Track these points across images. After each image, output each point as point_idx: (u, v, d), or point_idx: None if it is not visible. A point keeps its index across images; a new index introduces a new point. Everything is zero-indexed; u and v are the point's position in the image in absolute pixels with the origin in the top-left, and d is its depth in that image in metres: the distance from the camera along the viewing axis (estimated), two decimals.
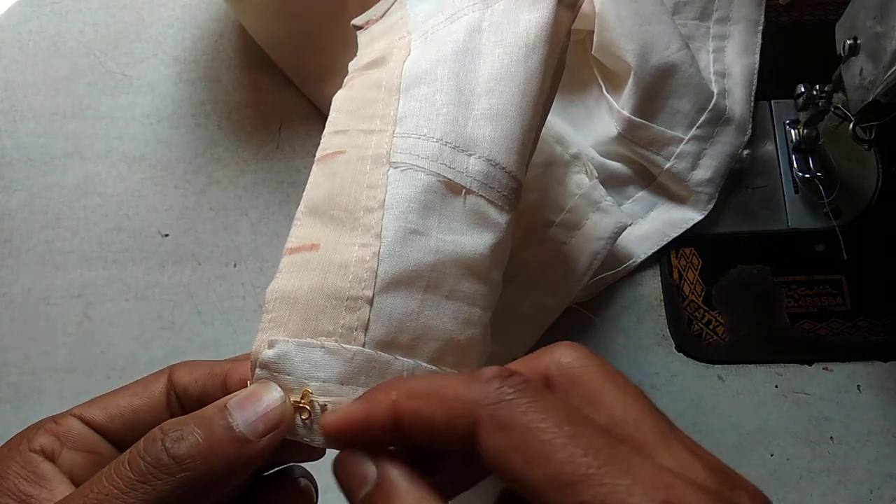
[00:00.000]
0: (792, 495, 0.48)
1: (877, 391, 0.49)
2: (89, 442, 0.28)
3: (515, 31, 0.33)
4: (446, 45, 0.33)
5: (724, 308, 0.51)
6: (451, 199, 0.31)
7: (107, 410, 0.28)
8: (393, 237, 0.29)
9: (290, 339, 0.28)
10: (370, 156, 0.31)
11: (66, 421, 0.28)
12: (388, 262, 0.29)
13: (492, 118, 0.32)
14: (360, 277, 0.29)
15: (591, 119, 0.55)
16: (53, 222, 0.54)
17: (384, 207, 0.30)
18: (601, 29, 0.51)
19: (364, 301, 0.28)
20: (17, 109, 0.56)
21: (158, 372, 0.30)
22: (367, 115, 0.32)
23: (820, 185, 0.52)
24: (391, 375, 0.28)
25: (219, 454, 0.24)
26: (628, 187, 0.54)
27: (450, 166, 0.31)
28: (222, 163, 0.55)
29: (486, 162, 0.32)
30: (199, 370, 0.29)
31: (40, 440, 0.27)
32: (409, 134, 0.31)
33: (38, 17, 0.59)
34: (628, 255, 0.52)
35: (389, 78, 0.33)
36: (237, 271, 0.52)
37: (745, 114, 0.53)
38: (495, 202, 0.32)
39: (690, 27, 0.55)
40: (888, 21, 0.40)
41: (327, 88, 0.54)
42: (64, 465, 0.27)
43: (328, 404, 0.27)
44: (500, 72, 0.33)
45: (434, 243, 0.30)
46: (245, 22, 0.55)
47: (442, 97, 0.32)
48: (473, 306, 0.31)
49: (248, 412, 0.25)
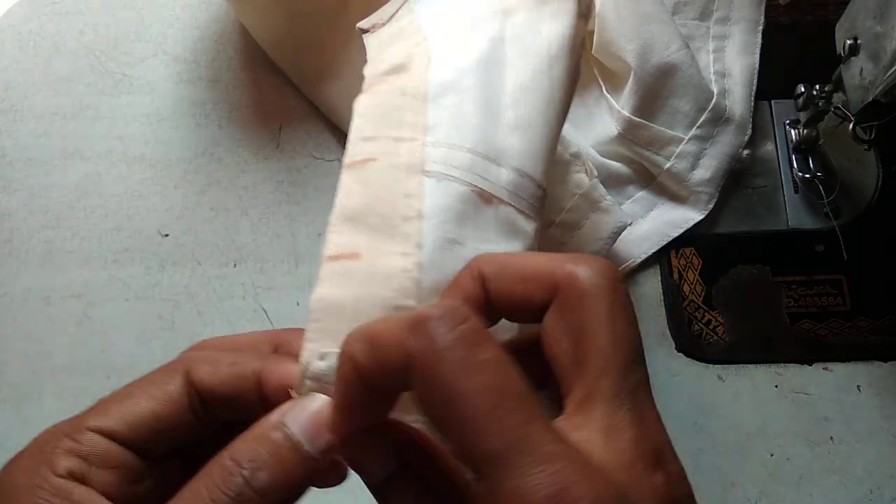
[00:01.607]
0: (792, 495, 0.48)
1: (877, 391, 0.49)
2: (116, 457, 0.26)
3: (538, 43, 0.34)
4: (470, 54, 0.34)
5: (724, 308, 0.51)
6: (483, 208, 0.31)
7: (126, 420, 0.26)
8: (432, 246, 0.30)
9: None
10: (403, 164, 0.31)
11: (85, 438, 0.26)
12: (430, 271, 0.29)
13: (519, 128, 0.33)
14: (403, 287, 0.29)
15: (591, 119, 0.55)
16: (53, 222, 0.54)
17: (422, 217, 0.30)
18: (601, 29, 0.51)
19: (409, 311, 0.28)
20: (17, 109, 0.56)
21: (169, 368, 0.28)
22: (396, 123, 0.32)
23: (820, 185, 0.52)
24: None
25: (294, 476, 0.24)
26: (628, 187, 0.54)
27: (482, 176, 0.31)
28: (222, 163, 0.55)
29: (516, 172, 0.32)
30: (222, 369, 0.28)
31: (64, 464, 0.25)
32: (440, 143, 0.32)
33: (38, 17, 0.59)
34: (628, 255, 0.52)
35: (415, 85, 0.33)
36: (237, 271, 0.52)
37: (745, 114, 0.53)
38: (524, 211, 0.33)
39: (690, 27, 0.55)
40: (888, 21, 0.40)
41: (327, 88, 0.54)
42: (96, 486, 0.25)
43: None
44: (525, 83, 0.33)
45: (470, 252, 0.30)
46: (245, 21, 0.55)
47: (470, 107, 0.32)
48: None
49: (309, 430, 0.25)
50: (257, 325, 0.51)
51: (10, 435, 0.49)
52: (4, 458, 0.52)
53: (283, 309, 0.51)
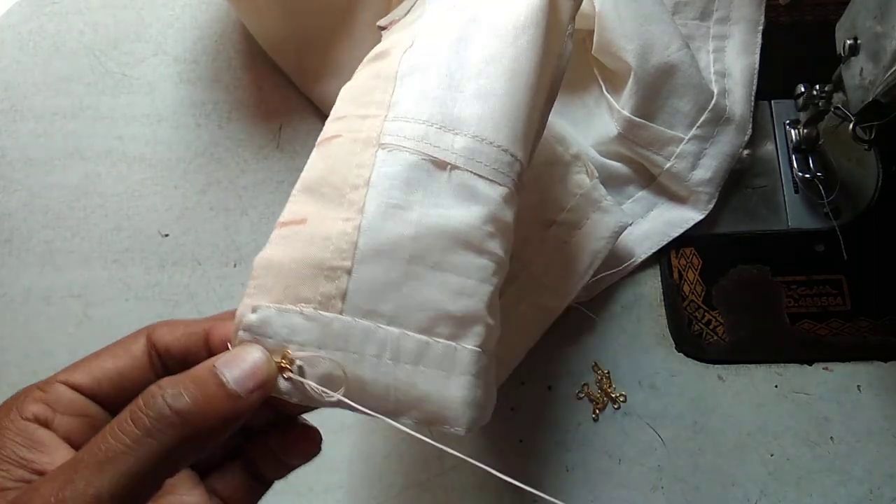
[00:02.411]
0: (792, 495, 0.48)
1: (877, 391, 0.49)
2: (80, 406, 0.28)
3: (506, 15, 0.35)
4: (443, 34, 0.35)
5: (724, 308, 0.51)
6: (436, 174, 0.32)
7: (92, 374, 0.29)
8: (374, 211, 0.31)
9: (271, 305, 0.29)
10: (362, 139, 0.33)
11: (53, 388, 0.28)
12: (368, 234, 0.30)
13: (479, 97, 0.33)
14: (340, 249, 0.30)
15: (591, 119, 0.55)
16: (53, 222, 0.54)
17: (369, 185, 0.31)
18: (601, 29, 0.51)
19: (343, 271, 0.30)
20: (17, 109, 0.56)
21: (136, 333, 0.31)
22: (365, 102, 0.34)
23: (820, 185, 0.52)
24: (375, 342, 0.30)
25: (215, 408, 0.26)
26: (628, 187, 0.54)
27: (434, 145, 0.32)
28: (222, 163, 0.55)
29: (472, 139, 0.33)
30: (179, 329, 0.30)
31: (31, 408, 0.28)
32: (398, 118, 0.33)
33: (38, 17, 0.59)
34: (628, 254, 0.52)
35: (389, 67, 0.34)
36: (237, 271, 0.52)
37: (745, 114, 0.53)
38: (484, 176, 0.33)
39: (690, 27, 0.55)
40: (888, 21, 0.40)
41: (327, 88, 0.54)
42: (59, 431, 0.28)
43: (304, 365, 0.29)
44: (489, 55, 0.34)
45: (416, 216, 0.31)
46: (246, 21, 0.55)
47: (433, 82, 0.34)
48: (467, 278, 0.32)
49: (236, 371, 0.27)
50: None
51: None
52: None
53: None
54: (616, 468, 0.48)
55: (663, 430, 0.49)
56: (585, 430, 0.49)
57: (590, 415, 0.49)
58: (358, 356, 0.29)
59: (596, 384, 0.50)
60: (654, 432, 0.49)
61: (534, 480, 0.48)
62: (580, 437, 0.49)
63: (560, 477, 0.48)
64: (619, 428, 0.49)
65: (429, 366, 0.31)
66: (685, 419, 0.49)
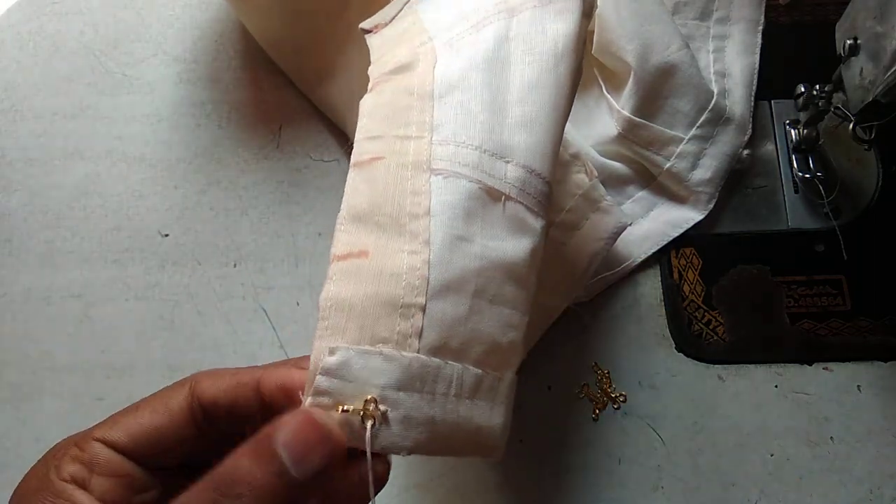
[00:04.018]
0: (792, 495, 0.48)
1: (877, 391, 0.49)
2: (117, 466, 0.28)
3: (544, 41, 0.34)
4: (476, 52, 0.34)
5: (724, 308, 0.51)
6: (491, 205, 0.32)
7: (129, 432, 0.28)
8: (441, 244, 0.30)
9: (350, 347, 0.28)
10: (410, 162, 0.31)
11: (90, 447, 0.28)
12: (438, 268, 0.30)
13: (525, 125, 0.33)
14: (412, 285, 0.29)
15: (591, 119, 0.55)
16: (53, 222, 0.54)
17: (430, 214, 0.30)
18: (601, 29, 0.51)
19: (417, 308, 0.29)
20: (17, 109, 0.56)
21: (178, 384, 0.30)
22: (402, 122, 0.32)
23: (820, 185, 0.52)
24: (442, 381, 0.29)
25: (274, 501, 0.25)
26: (628, 187, 0.54)
27: (490, 174, 0.32)
28: (222, 163, 0.55)
29: (523, 169, 0.32)
30: (225, 381, 0.29)
31: (69, 469, 0.27)
32: (447, 141, 0.32)
33: (38, 17, 0.59)
34: (628, 255, 0.52)
35: (421, 84, 0.33)
36: (237, 271, 0.52)
37: (745, 114, 0.53)
38: (532, 208, 0.33)
39: (690, 27, 0.55)
40: (888, 21, 0.40)
41: (327, 88, 0.54)
42: (96, 492, 0.27)
43: (388, 410, 0.27)
44: (531, 80, 0.34)
45: (479, 249, 0.31)
46: (246, 21, 0.55)
47: (477, 105, 0.33)
48: (514, 310, 0.32)
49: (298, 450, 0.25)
50: (257, 324, 0.51)
51: (10, 435, 0.49)
52: (4, 457, 0.52)
53: (283, 309, 0.51)
54: (616, 468, 0.48)
55: (663, 430, 0.49)
56: (585, 430, 0.49)
57: (590, 415, 0.49)
58: (431, 396, 0.29)
59: (596, 384, 0.50)
60: (654, 432, 0.49)
61: (534, 480, 0.48)
62: (580, 437, 0.49)
63: (560, 477, 0.48)
64: (619, 428, 0.49)
65: (481, 398, 0.31)
66: (685, 419, 0.49)
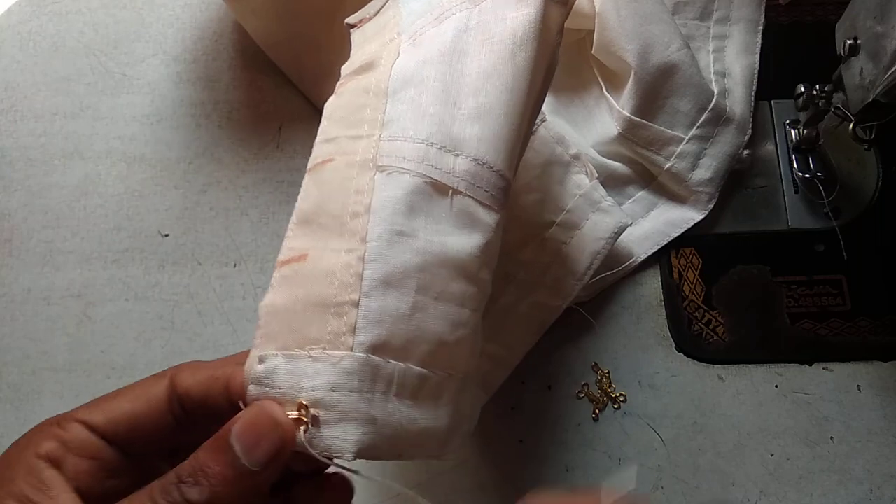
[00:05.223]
0: (792, 495, 0.48)
1: (877, 391, 0.49)
2: (93, 448, 0.28)
3: (503, 29, 0.33)
4: (434, 46, 0.33)
5: (724, 308, 0.51)
6: (437, 199, 0.31)
7: (108, 416, 0.28)
8: (378, 240, 0.29)
9: (278, 353, 0.27)
10: (357, 161, 0.31)
11: (70, 426, 0.28)
12: (374, 264, 0.29)
13: (479, 117, 0.32)
14: (345, 283, 0.28)
15: (592, 119, 0.55)
16: (53, 222, 0.54)
17: (370, 211, 0.29)
18: (601, 29, 0.51)
19: (350, 305, 0.28)
20: (17, 109, 0.56)
21: (160, 374, 0.30)
22: (356, 122, 0.32)
23: (820, 185, 0.52)
24: (382, 380, 0.28)
25: (230, 491, 0.25)
26: (628, 187, 0.54)
27: (436, 167, 0.31)
28: (222, 163, 0.55)
29: (474, 161, 0.31)
30: (202, 373, 0.29)
31: (46, 446, 0.27)
32: (395, 137, 0.31)
33: (38, 17, 0.59)
34: (628, 254, 0.52)
35: (378, 82, 0.32)
36: (237, 271, 0.52)
37: (745, 114, 0.53)
38: (483, 202, 0.32)
39: (690, 27, 0.55)
40: (888, 21, 0.40)
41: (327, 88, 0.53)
42: (69, 472, 0.27)
43: (320, 414, 0.27)
44: (487, 70, 0.32)
45: (422, 244, 0.30)
46: (244, 23, 0.55)
47: (428, 98, 0.32)
48: (463, 308, 0.31)
49: (248, 442, 0.26)
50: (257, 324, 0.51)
51: (10, 435, 0.49)
52: None
53: None
54: (616, 468, 0.48)
55: (663, 430, 0.49)
56: (585, 430, 0.49)
57: (590, 415, 0.49)
58: (371, 395, 0.28)
59: (596, 384, 0.50)
60: (654, 432, 0.49)
61: (534, 480, 0.48)
62: (580, 437, 0.49)
63: (560, 477, 0.48)
64: (619, 428, 0.49)
65: (425, 399, 0.30)
66: (685, 419, 0.49)
